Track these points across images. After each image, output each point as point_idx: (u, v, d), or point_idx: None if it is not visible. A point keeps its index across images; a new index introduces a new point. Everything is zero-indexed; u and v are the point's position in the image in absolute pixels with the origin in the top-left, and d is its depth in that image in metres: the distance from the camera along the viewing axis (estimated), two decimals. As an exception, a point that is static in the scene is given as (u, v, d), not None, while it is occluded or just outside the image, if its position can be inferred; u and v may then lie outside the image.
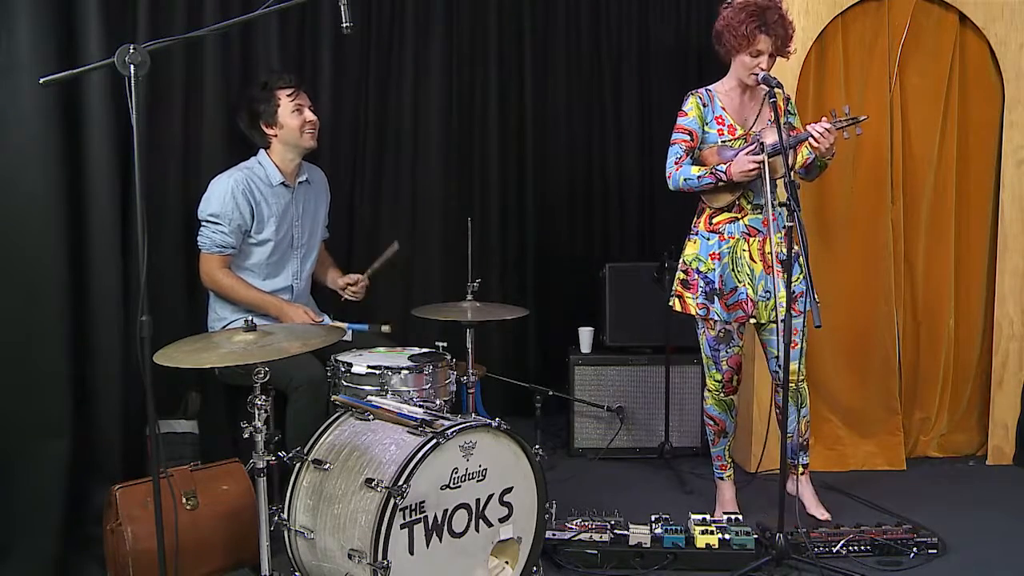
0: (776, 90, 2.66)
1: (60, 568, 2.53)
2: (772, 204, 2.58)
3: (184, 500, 2.49)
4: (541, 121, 4.34)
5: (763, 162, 2.65)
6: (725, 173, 2.76)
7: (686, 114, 2.91)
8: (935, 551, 2.74)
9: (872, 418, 3.68)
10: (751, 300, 2.85)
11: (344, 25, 2.25)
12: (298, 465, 2.33)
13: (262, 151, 3.01)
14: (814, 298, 2.44)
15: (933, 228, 3.71)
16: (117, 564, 2.44)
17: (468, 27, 4.11)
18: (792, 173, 2.67)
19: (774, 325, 2.82)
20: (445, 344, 2.83)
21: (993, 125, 3.67)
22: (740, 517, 2.84)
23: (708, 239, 2.90)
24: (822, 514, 3.03)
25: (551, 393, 3.41)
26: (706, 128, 2.89)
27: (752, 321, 2.90)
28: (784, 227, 2.58)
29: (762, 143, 2.70)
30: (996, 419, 3.69)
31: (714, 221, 2.89)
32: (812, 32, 3.48)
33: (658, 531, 2.71)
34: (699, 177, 2.81)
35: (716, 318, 2.89)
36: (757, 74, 2.77)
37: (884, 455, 3.65)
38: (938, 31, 3.60)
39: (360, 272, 3.25)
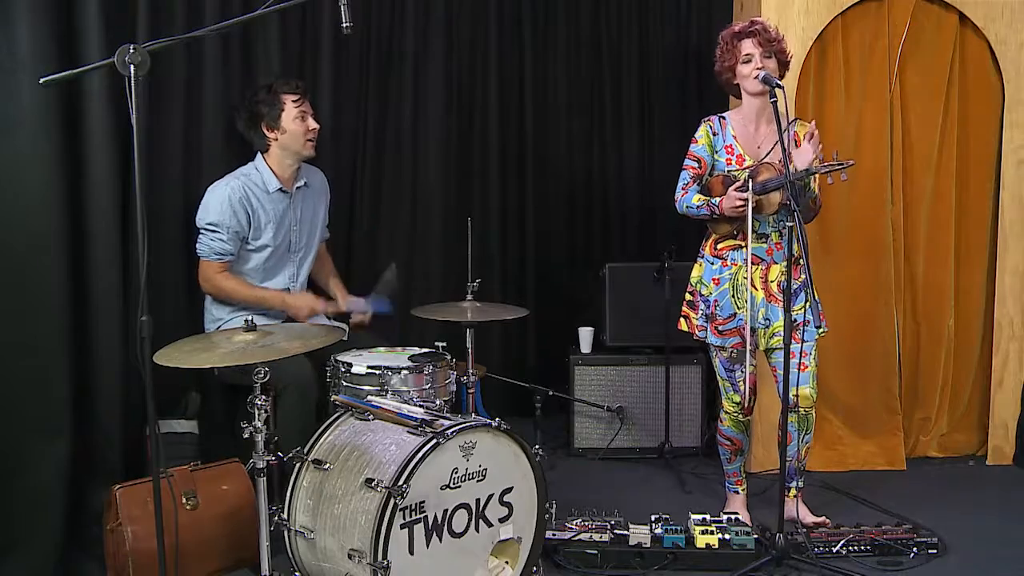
0: (777, 90, 2.65)
1: (60, 568, 2.53)
2: (750, 238, 2.66)
3: (184, 500, 2.49)
4: (541, 121, 4.34)
5: (748, 200, 2.66)
6: (718, 207, 2.79)
7: (696, 141, 2.94)
8: (935, 551, 2.75)
9: (872, 418, 3.68)
10: (749, 327, 2.80)
11: (344, 25, 2.25)
12: (298, 465, 2.33)
13: (259, 156, 2.99)
14: (815, 298, 2.42)
15: (933, 228, 3.71)
16: (117, 564, 2.44)
17: (468, 27, 4.11)
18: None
19: (780, 350, 2.78)
20: (445, 344, 2.83)
21: (993, 125, 3.67)
22: (740, 517, 2.84)
23: (712, 263, 2.92)
24: (819, 520, 2.99)
25: (551, 393, 3.41)
26: (716, 156, 2.91)
27: (750, 348, 2.84)
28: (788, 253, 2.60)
29: (752, 179, 2.70)
30: (996, 419, 3.70)
31: (719, 246, 2.91)
32: (812, 32, 3.48)
33: (658, 531, 2.71)
34: (698, 207, 2.86)
35: (710, 342, 2.91)
36: (758, 76, 2.77)
37: (884, 455, 3.65)
38: (938, 31, 3.61)
39: (358, 294, 3.21)
